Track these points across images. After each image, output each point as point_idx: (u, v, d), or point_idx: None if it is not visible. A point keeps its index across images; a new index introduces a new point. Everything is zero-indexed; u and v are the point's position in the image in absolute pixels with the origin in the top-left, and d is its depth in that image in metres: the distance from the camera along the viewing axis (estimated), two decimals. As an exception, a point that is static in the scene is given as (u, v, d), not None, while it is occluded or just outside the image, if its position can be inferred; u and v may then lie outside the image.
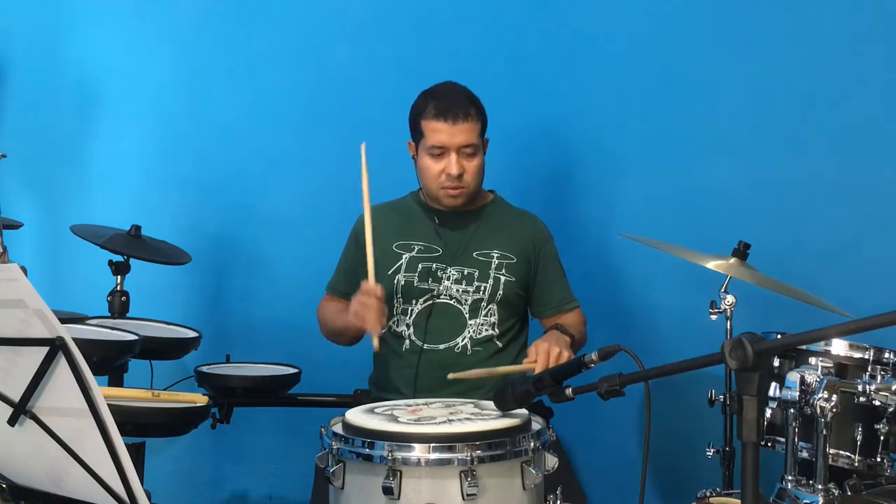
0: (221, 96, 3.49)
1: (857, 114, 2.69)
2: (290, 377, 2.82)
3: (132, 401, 2.11)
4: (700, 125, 2.89)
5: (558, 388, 1.71)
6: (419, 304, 2.41)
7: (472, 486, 1.62)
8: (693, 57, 2.89)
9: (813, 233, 2.74)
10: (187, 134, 3.53)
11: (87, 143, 3.67)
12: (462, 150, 2.35)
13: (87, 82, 3.66)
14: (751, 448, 1.30)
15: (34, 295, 1.33)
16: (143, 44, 3.60)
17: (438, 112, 2.34)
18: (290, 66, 3.40)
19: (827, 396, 1.89)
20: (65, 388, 1.34)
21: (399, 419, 1.80)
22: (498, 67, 3.09)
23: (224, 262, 3.46)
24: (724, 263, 2.33)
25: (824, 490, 1.94)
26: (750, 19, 2.83)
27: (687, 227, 2.83)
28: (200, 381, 2.72)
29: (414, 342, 2.40)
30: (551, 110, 3.07)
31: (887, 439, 2.03)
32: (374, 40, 3.29)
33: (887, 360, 2.06)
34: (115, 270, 2.90)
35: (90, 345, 2.19)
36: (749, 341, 1.27)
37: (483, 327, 2.40)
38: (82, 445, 1.38)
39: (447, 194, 2.40)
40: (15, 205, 3.57)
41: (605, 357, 1.66)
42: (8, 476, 1.53)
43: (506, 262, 2.43)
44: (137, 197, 3.55)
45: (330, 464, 1.73)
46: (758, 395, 1.29)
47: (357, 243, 2.54)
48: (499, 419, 1.78)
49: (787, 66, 2.78)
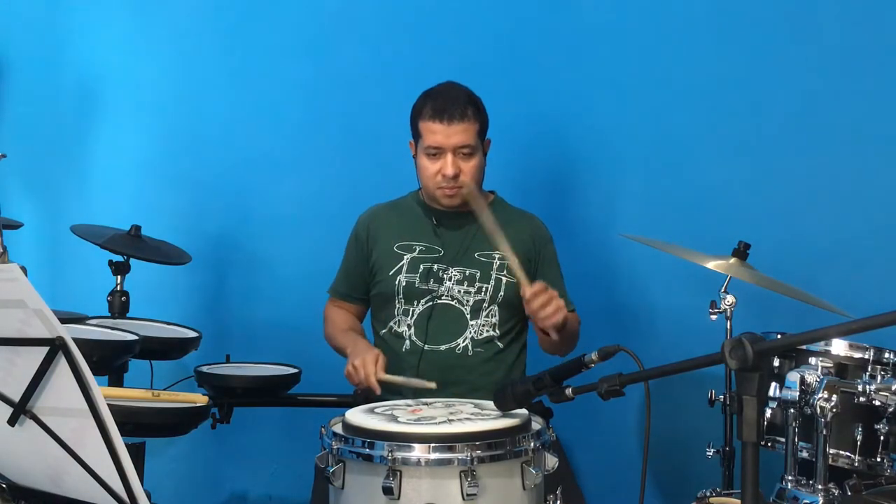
0: (221, 96, 3.49)
1: (857, 114, 2.69)
2: (290, 377, 2.82)
3: (132, 401, 2.11)
4: (700, 125, 2.89)
5: (558, 388, 1.71)
6: (420, 305, 2.41)
7: (472, 486, 1.62)
8: (693, 57, 2.89)
9: (813, 233, 2.73)
10: (187, 134, 3.53)
11: (87, 143, 3.67)
12: (458, 150, 2.35)
13: (87, 82, 3.66)
14: (751, 448, 1.30)
15: (34, 295, 1.33)
16: (143, 44, 3.61)
17: (434, 112, 2.34)
18: (290, 66, 3.40)
19: (827, 396, 1.89)
20: (65, 388, 1.34)
21: (399, 419, 1.80)
22: (498, 67, 3.08)
23: (224, 262, 3.46)
24: (724, 263, 2.33)
25: (824, 490, 1.94)
26: (750, 19, 2.83)
27: (687, 227, 2.83)
28: (200, 381, 2.72)
29: (415, 343, 2.40)
30: (551, 110, 3.07)
31: (887, 439, 2.03)
32: (375, 40, 3.29)
33: (887, 360, 2.06)
34: (115, 270, 2.90)
35: (90, 345, 2.19)
36: (749, 341, 1.27)
37: (484, 328, 2.40)
38: (82, 445, 1.38)
39: (444, 194, 2.40)
40: (15, 205, 3.58)
41: (605, 357, 1.66)
42: (8, 476, 1.53)
43: (507, 262, 2.43)
44: (137, 197, 3.55)
45: (330, 464, 1.73)
46: (758, 395, 1.29)
47: (357, 244, 2.54)
48: (499, 419, 1.78)
49: (787, 66, 2.77)
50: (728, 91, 2.85)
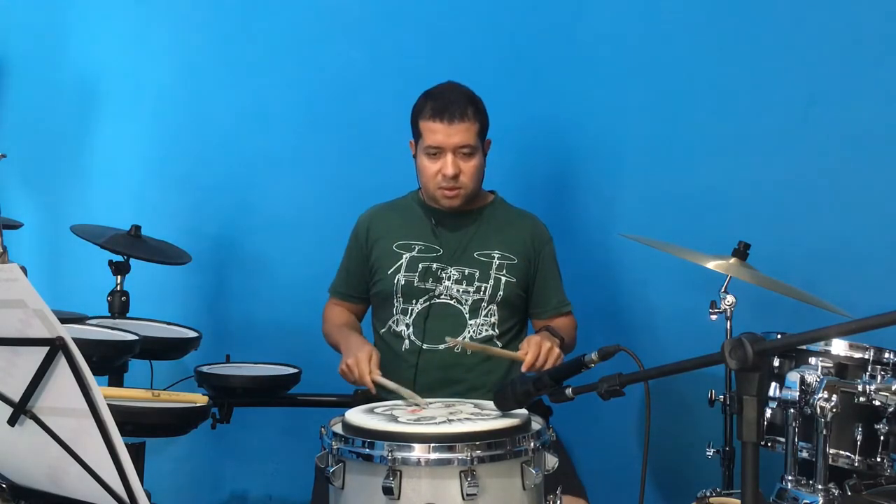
0: (221, 96, 3.49)
1: (857, 114, 2.69)
2: (290, 377, 2.82)
3: (132, 401, 2.11)
4: (700, 125, 2.88)
5: (558, 388, 1.71)
6: (419, 304, 2.41)
7: (472, 486, 1.62)
8: (693, 57, 2.89)
9: (813, 233, 2.73)
10: (187, 134, 3.53)
11: (88, 143, 3.67)
12: (458, 150, 2.35)
13: (87, 82, 3.67)
14: (751, 448, 1.30)
15: (34, 295, 1.33)
16: (143, 44, 3.61)
17: (435, 112, 2.34)
18: (290, 67, 3.40)
19: (827, 396, 1.89)
20: (65, 388, 1.34)
21: (399, 419, 1.80)
22: (498, 68, 3.08)
23: (224, 262, 3.46)
24: (724, 263, 2.33)
25: (824, 490, 1.94)
26: (750, 19, 2.83)
27: (687, 227, 2.83)
28: (200, 381, 2.72)
29: (413, 342, 2.40)
30: (551, 111, 3.07)
31: (887, 439, 2.04)
32: (375, 41, 3.29)
33: (887, 360, 2.06)
34: (115, 270, 2.90)
35: (90, 345, 2.19)
36: (749, 341, 1.26)
37: (483, 327, 2.40)
38: (82, 445, 1.38)
39: (443, 195, 2.40)
40: (15, 205, 3.58)
41: (605, 357, 1.66)
42: (8, 476, 1.53)
43: (507, 262, 2.43)
44: (137, 197, 3.55)
45: (330, 464, 1.73)
46: (758, 395, 1.29)
47: (357, 244, 2.54)
48: (499, 419, 1.78)
49: (787, 66, 2.77)
50: (728, 91, 2.85)
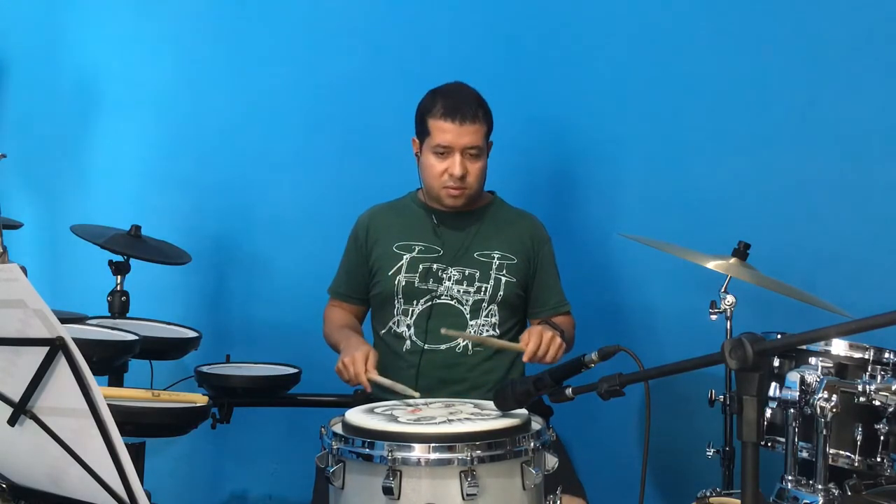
0: (222, 97, 3.49)
1: (857, 114, 2.69)
2: (290, 377, 2.82)
3: (132, 401, 2.11)
4: (700, 125, 2.88)
5: (558, 388, 1.71)
6: (420, 305, 2.41)
7: (472, 486, 1.62)
8: (693, 57, 2.89)
9: (813, 233, 2.73)
10: (187, 134, 3.53)
11: (87, 143, 3.68)
12: (467, 151, 2.35)
13: (87, 82, 3.67)
14: (751, 448, 1.30)
15: (34, 295, 1.33)
16: (143, 44, 3.61)
17: (447, 111, 2.34)
18: (290, 67, 3.40)
19: (827, 396, 1.89)
20: (65, 388, 1.34)
21: (399, 419, 1.80)
22: (498, 68, 3.08)
23: (224, 262, 3.46)
24: (724, 263, 2.33)
25: (824, 490, 1.94)
26: (750, 19, 2.83)
27: (687, 227, 2.83)
28: (200, 381, 2.72)
29: (415, 342, 2.40)
30: (551, 111, 3.07)
31: (887, 439, 2.03)
32: (375, 41, 3.29)
33: (887, 360, 2.06)
34: (115, 270, 2.90)
35: (90, 345, 2.19)
36: (749, 341, 1.26)
37: (484, 328, 2.40)
38: (82, 445, 1.38)
39: (448, 194, 2.40)
40: (15, 205, 3.58)
41: (605, 357, 1.66)
42: (8, 476, 1.53)
43: (507, 262, 2.43)
44: (137, 197, 3.56)
45: (330, 464, 1.73)
46: (758, 395, 1.29)
47: (357, 245, 2.54)
48: (499, 419, 1.78)
49: (788, 66, 2.77)
50: (728, 91, 2.85)
